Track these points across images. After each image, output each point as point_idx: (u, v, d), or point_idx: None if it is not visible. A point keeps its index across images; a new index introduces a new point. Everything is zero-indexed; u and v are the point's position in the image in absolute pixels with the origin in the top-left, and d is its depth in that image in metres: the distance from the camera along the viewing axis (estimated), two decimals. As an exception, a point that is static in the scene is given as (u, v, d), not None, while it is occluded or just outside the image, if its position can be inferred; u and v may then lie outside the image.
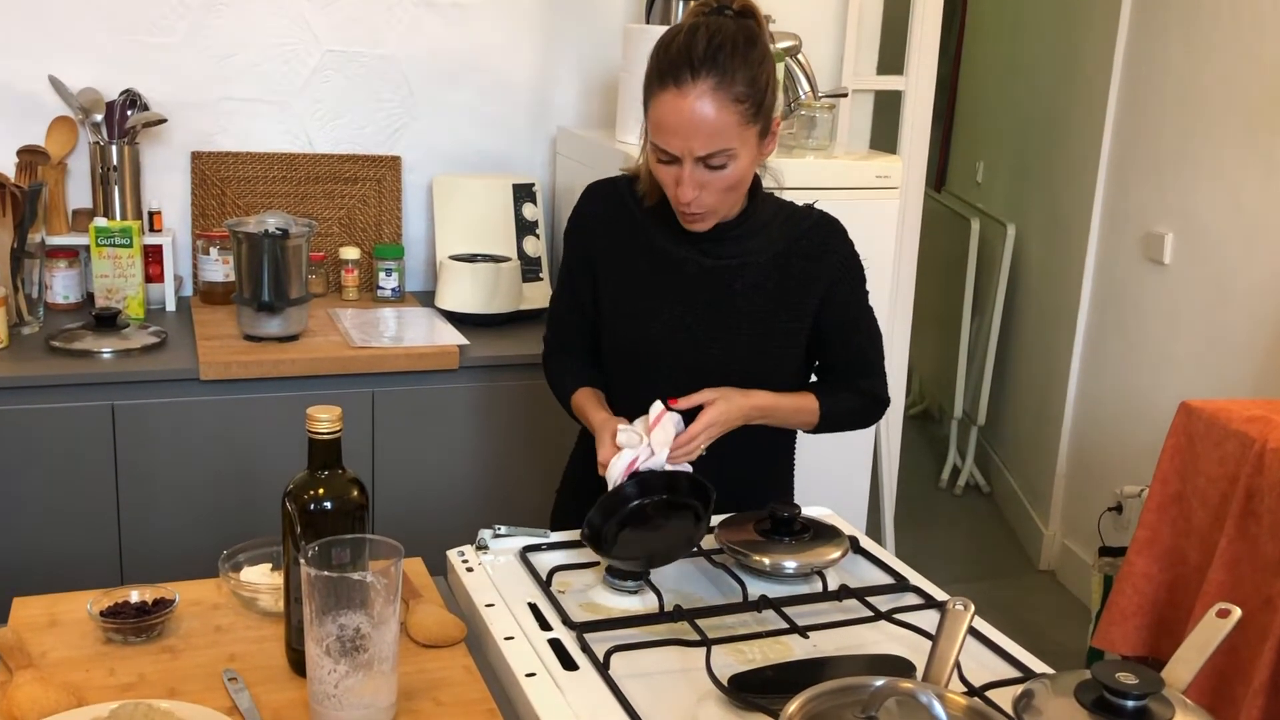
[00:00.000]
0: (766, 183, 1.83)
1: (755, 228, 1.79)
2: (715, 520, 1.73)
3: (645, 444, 1.68)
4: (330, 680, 1.23)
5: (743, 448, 1.81)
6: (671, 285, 1.80)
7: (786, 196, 1.87)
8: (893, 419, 3.43)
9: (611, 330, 1.87)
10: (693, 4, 1.75)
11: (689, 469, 1.70)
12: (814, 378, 1.93)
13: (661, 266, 1.81)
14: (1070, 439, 4.00)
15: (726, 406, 1.72)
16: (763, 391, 1.77)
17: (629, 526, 1.64)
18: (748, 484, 1.86)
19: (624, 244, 1.84)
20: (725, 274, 1.79)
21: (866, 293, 1.87)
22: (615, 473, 1.66)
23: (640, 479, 1.67)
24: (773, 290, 1.79)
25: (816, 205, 1.85)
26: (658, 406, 1.71)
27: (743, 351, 1.80)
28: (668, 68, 1.63)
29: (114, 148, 2.81)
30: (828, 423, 1.86)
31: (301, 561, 1.24)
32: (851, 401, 1.88)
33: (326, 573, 1.23)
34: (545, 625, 1.47)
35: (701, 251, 1.79)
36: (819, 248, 1.80)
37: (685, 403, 1.71)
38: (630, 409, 1.80)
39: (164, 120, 2.88)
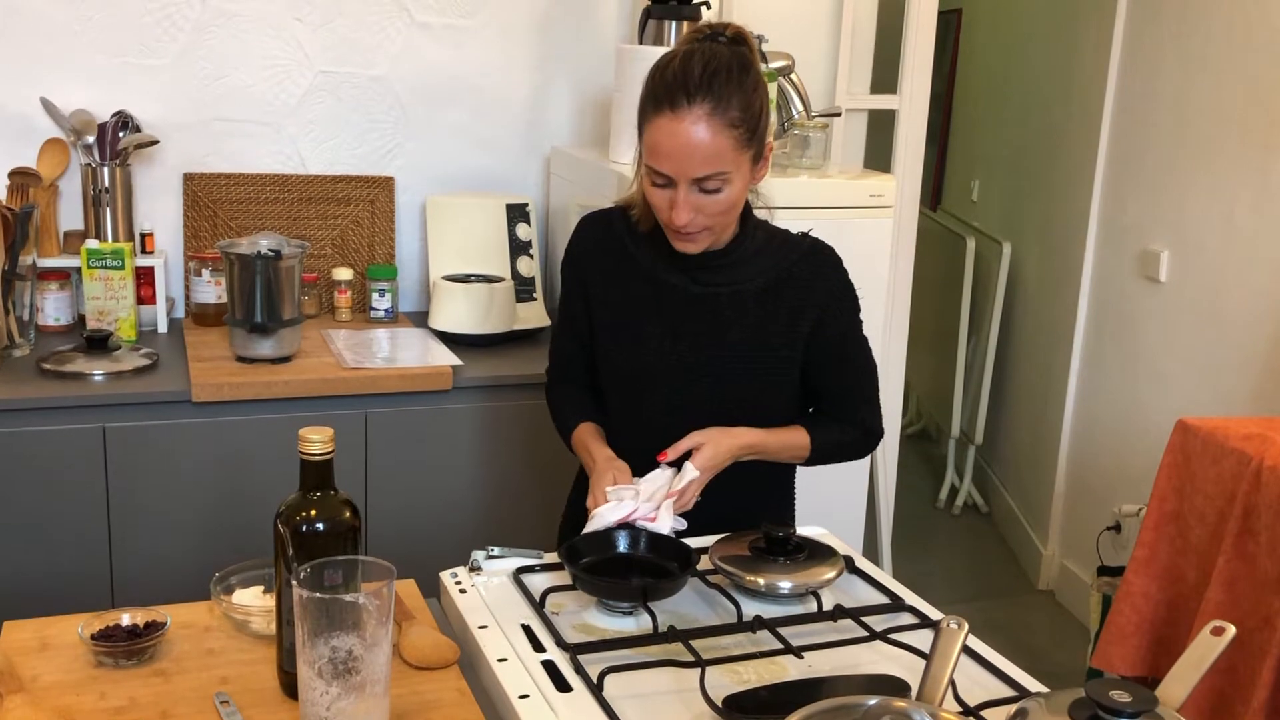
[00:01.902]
0: (757, 204, 1.83)
1: (746, 255, 1.80)
2: (709, 540, 1.73)
3: (639, 501, 1.69)
4: (322, 703, 1.22)
5: (741, 480, 1.80)
6: (663, 312, 1.81)
7: (780, 217, 1.87)
8: (889, 439, 3.42)
9: (606, 357, 1.88)
10: (686, 31, 1.76)
11: (683, 524, 1.70)
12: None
13: (653, 294, 1.82)
14: (1068, 458, 4.00)
15: (714, 451, 1.73)
16: (748, 429, 1.77)
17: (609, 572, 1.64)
18: (747, 514, 1.84)
19: (617, 272, 1.85)
20: (716, 302, 1.79)
21: (860, 323, 1.86)
22: (607, 520, 1.68)
23: (650, 539, 1.67)
24: (763, 318, 1.79)
25: (811, 233, 1.85)
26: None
27: (735, 379, 1.80)
28: (664, 92, 1.64)
29: (106, 169, 2.80)
30: (819, 456, 1.86)
31: (293, 583, 1.23)
32: (842, 434, 1.87)
33: (318, 594, 1.22)
34: (539, 647, 1.46)
35: (692, 279, 1.80)
36: (811, 276, 1.80)
37: (674, 452, 1.73)
38: (629, 435, 1.83)
39: (156, 142, 2.88)
